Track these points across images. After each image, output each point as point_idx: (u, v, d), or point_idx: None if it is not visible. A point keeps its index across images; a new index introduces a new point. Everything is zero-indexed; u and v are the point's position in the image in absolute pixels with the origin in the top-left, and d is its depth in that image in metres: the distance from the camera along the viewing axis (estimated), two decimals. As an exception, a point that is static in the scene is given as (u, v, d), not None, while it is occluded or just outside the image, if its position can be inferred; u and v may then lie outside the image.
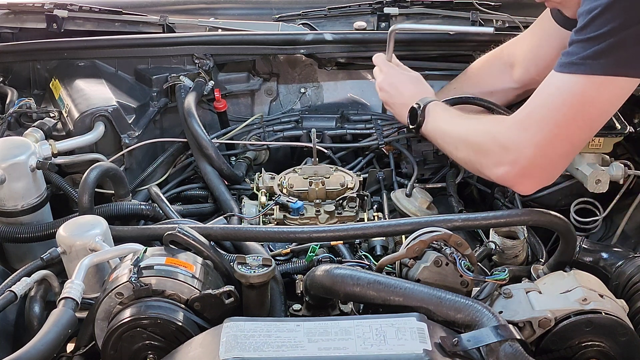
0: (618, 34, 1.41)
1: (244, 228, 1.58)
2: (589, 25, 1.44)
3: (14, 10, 2.44)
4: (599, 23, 1.42)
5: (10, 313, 1.54)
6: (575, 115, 1.49)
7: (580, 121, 1.50)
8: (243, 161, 2.10)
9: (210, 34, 2.31)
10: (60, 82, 2.13)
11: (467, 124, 1.72)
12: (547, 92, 1.53)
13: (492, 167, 1.60)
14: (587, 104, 1.48)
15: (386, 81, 1.97)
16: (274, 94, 2.36)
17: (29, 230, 1.69)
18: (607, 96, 1.48)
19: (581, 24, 1.46)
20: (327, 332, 1.19)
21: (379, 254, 1.66)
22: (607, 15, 1.41)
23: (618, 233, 1.92)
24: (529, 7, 2.44)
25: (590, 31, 1.44)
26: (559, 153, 1.54)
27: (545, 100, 1.52)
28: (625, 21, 1.40)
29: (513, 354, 1.16)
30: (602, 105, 1.49)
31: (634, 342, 1.33)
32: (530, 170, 1.55)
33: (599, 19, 1.42)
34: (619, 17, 1.40)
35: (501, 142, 1.57)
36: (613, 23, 1.41)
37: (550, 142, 1.51)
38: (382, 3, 2.43)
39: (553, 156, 1.54)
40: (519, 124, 1.56)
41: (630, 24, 1.40)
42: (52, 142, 1.85)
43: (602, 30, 1.42)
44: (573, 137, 1.53)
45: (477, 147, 1.64)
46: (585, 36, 1.45)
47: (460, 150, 1.71)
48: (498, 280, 1.38)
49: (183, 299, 1.32)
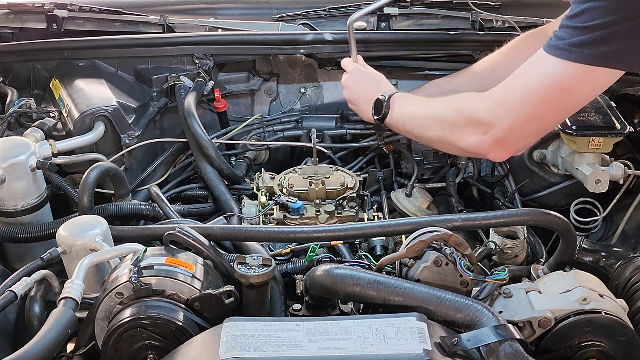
0: (606, 28, 1.42)
1: (244, 228, 1.58)
2: (580, 15, 1.45)
3: (14, 10, 2.44)
4: (590, 14, 1.44)
5: (10, 313, 1.54)
6: (551, 100, 1.53)
7: (556, 105, 1.54)
8: (243, 161, 2.10)
9: (210, 34, 2.31)
10: (60, 82, 2.13)
11: (437, 103, 1.77)
12: (530, 71, 1.56)
13: (466, 137, 1.65)
14: (565, 90, 1.51)
15: (350, 79, 2.01)
16: (274, 94, 2.36)
17: (29, 230, 1.69)
18: (586, 85, 1.51)
19: (573, 12, 1.47)
20: (327, 332, 1.19)
21: (379, 254, 1.66)
22: (598, 9, 1.43)
23: (618, 233, 1.92)
24: (528, 7, 2.44)
25: (580, 21, 1.45)
26: (532, 129, 1.61)
27: (527, 80, 1.56)
28: (615, 17, 1.41)
29: (513, 353, 1.16)
30: (580, 93, 1.53)
31: (634, 342, 1.33)
32: (504, 141, 1.61)
33: (590, 10, 1.44)
34: (609, 13, 1.41)
35: (476, 115, 1.63)
36: (603, 17, 1.42)
37: (525, 119, 1.57)
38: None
39: (527, 132, 1.61)
40: (497, 99, 1.61)
41: (619, 20, 1.42)
42: (52, 142, 1.85)
43: (591, 23, 1.43)
44: (548, 118, 1.59)
45: (451, 121, 1.69)
46: (574, 24, 1.46)
47: (432, 129, 1.74)
48: (498, 280, 1.38)
49: (183, 298, 1.32)
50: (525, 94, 1.55)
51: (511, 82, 1.60)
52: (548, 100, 1.53)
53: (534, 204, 1.99)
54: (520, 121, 1.57)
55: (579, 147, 1.84)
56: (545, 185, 2.01)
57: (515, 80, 1.59)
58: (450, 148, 1.76)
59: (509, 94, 1.59)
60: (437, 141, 1.77)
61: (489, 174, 2.10)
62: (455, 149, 1.73)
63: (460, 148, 1.70)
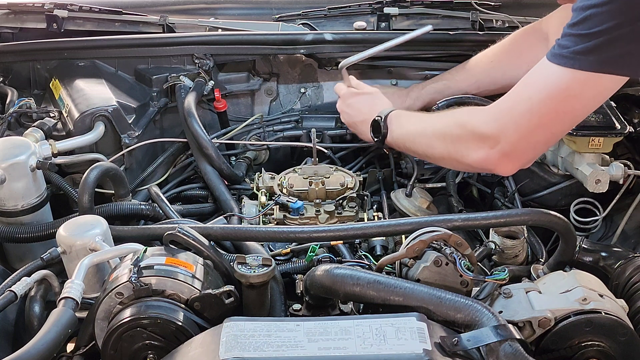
0: (609, 33, 1.42)
1: (244, 228, 1.58)
2: (583, 22, 1.45)
3: (14, 10, 2.44)
4: (592, 21, 1.43)
5: (10, 313, 1.54)
6: (557, 109, 1.52)
7: (562, 114, 1.53)
8: (243, 161, 2.10)
9: (210, 34, 2.31)
10: (60, 82, 2.13)
11: (439, 119, 1.75)
12: (534, 81, 1.55)
13: (472, 153, 1.62)
14: (571, 98, 1.50)
15: (344, 103, 2.01)
16: (274, 94, 2.36)
17: (29, 230, 1.69)
18: (591, 92, 1.50)
19: (575, 20, 1.47)
20: (327, 332, 1.19)
21: (379, 254, 1.66)
22: (600, 15, 1.42)
23: (618, 233, 1.92)
24: (528, 7, 2.44)
25: (583, 28, 1.45)
26: (539, 140, 1.59)
27: (531, 91, 1.54)
28: (617, 21, 1.41)
29: (513, 353, 1.16)
30: (586, 101, 1.52)
31: (634, 342, 1.33)
32: (511, 154, 1.59)
33: (593, 17, 1.43)
34: (611, 17, 1.41)
35: (480, 129, 1.60)
36: (606, 22, 1.42)
37: (532, 130, 1.55)
38: (382, 3, 2.43)
39: (534, 142, 1.59)
40: (501, 111, 1.59)
41: (622, 25, 1.41)
42: (52, 142, 1.85)
43: (594, 29, 1.43)
44: (554, 128, 1.57)
45: (454, 138, 1.66)
46: (577, 32, 1.46)
47: (436, 147, 1.71)
48: (498, 280, 1.38)
49: (183, 298, 1.32)
50: (530, 104, 1.53)
51: (515, 93, 1.58)
52: (554, 109, 1.51)
53: (534, 204, 1.99)
54: (527, 132, 1.55)
55: (579, 147, 1.84)
56: (545, 185, 2.01)
57: (519, 91, 1.57)
58: (456, 165, 1.75)
59: (514, 106, 1.57)
60: (441, 159, 1.74)
61: (488, 174, 2.10)
62: (462, 165, 1.71)
63: (466, 164, 1.67)
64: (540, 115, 1.52)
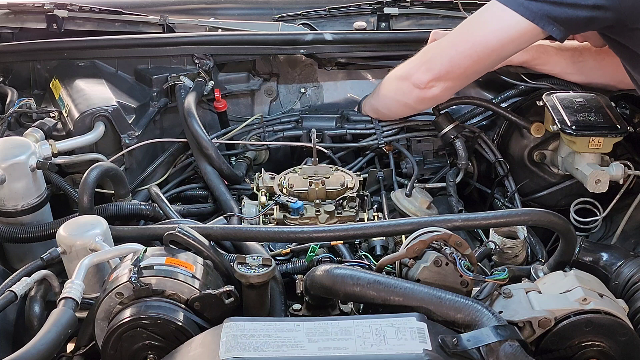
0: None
1: (244, 228, 1.58)
2: None
3: (14, 10, 2.44)
4: None
5: (10, 313, 1.54)
6: (467, 33, 1.82)
7: (470, 37, 1.80)
8: (243, 161, 2.10)
9: (210, 34, 2.31)
10: (60, 82, 2.13)
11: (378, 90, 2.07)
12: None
13: (415, 85, 1.88)
14: (476, 24, 1.80)
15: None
16: (274, 94, 2.36)
17: (29, 230, 1.69)
18: (494, 25, 1.73)
19: None
20: (327, 332, 1.19)
21: (379, 254, 1.66)
22: None
23: (618, 233, 1.92)
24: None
25: None
26: (454, 56, 1.83)
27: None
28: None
29: (513, 353, 1.16)
30: (487, 31, 1.75)
31: (634, 342, 1.34)
32: (444, 76, 1.85)
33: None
34: None
35: (418, 62, 1.90)
36: None
37: (447, 49, 1.85)
38: (382, 3, 2.43)
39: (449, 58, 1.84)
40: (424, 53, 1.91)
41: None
42: (52, 142, 1.85)
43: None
44: (461, 46, 1.82)
45: (397, 76, 1.95)
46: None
47: (389, 106, 2.02)
48: (498, 280, 1.38)
49: (183, 298, 1.32)
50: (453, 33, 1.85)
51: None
52: (466, 30, 1.82)
53: (534, 204, 1.99)
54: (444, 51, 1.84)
55: (579, 147, 1.84)
56: (545, 185, 2.01)
57: None
58: (409, 98, 1.95)
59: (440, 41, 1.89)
60: (399, 108, 2.03)
61: (488, 174, 2.11)
62: (412, 97, 1.93)
63: (415, 97, 1.92)
64: (456, 34, 1.83)
